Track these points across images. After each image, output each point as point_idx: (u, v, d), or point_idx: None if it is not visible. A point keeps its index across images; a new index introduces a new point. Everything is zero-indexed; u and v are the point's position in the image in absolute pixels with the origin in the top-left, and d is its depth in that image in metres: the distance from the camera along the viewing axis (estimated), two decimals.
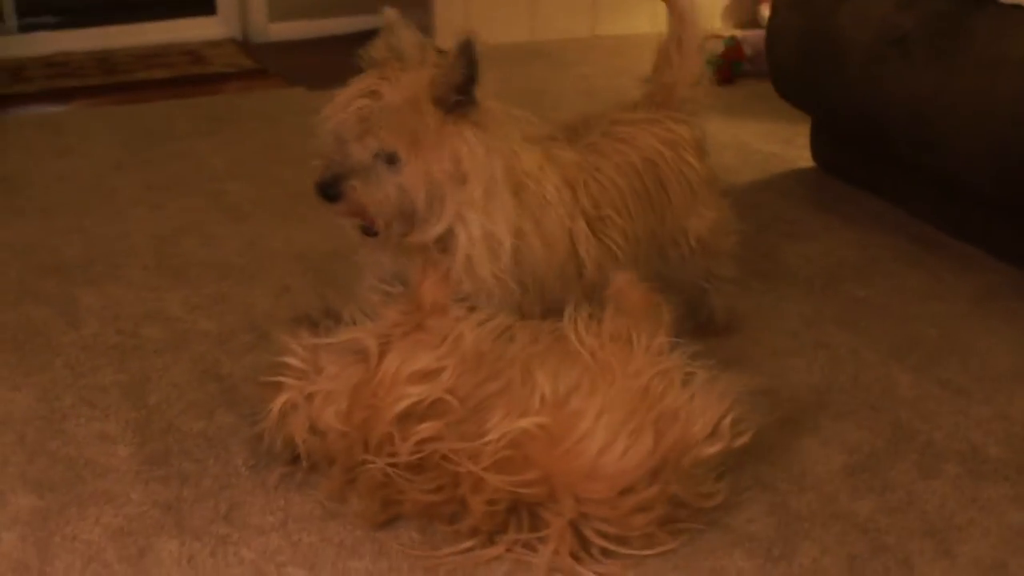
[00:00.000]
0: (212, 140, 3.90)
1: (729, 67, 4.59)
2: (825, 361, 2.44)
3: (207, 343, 2.50)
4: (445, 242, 2.02)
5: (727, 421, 1.86)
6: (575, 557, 1.79)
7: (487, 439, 1.81)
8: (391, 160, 1.94)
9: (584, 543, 1.81)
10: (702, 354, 1.98)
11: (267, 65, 4.99)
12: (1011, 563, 1.83)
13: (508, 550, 1.82)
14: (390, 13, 2.01)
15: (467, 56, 1.93)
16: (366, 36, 2.03)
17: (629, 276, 2.10)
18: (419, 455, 1.84)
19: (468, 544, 1.83)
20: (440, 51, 2.02)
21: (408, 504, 1.88)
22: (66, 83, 4.73)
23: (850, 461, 2.10)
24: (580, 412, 1.84)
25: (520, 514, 1.82)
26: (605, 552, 1.80)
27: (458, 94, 1.94)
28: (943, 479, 2.05)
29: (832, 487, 2.02)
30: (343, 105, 1.96)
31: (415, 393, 1.87)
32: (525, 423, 1.81)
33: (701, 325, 2.47)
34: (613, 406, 1.83)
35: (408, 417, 1.86)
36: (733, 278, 2.54)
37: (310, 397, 1.96)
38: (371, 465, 1.87)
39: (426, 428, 1.84)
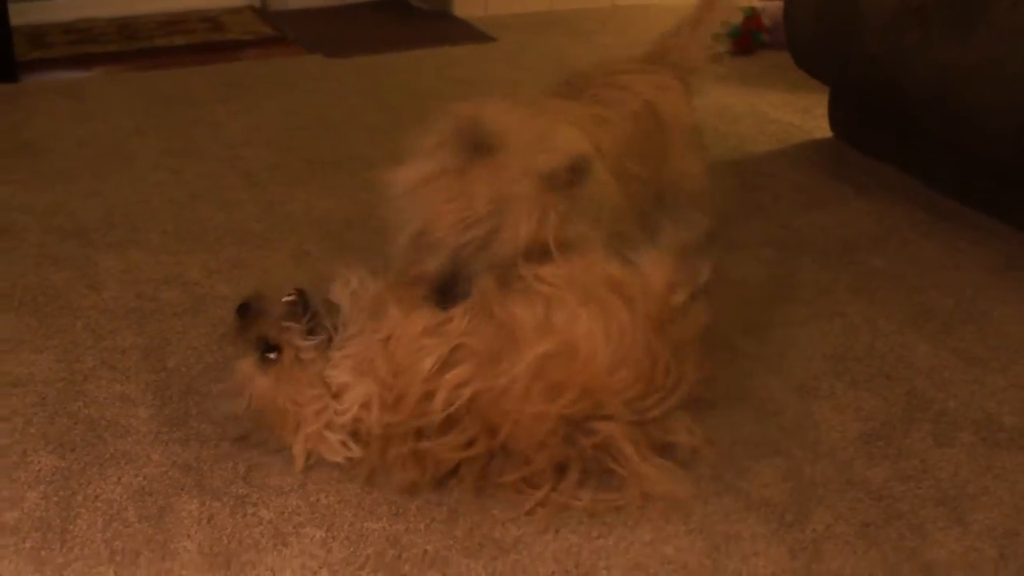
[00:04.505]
0: (230, 106, 3.91)
1: (748, 37, 4.57)
2: (840, 330, 2.45)
3: (225, 307, 2.51)
4: None
5: (679, 274, 1.90)
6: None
7: (513, 374, 1.83)
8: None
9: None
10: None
11: (286, 32, 4.99)
12: None
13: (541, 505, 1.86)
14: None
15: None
16: (383, 4, 2.03)
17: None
18: (454, 405, 1.85)
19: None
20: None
21: (444, 465, 1.90)
22: (87, 49, 4.74)
23: (865, 429, 2.11)
24: (570, 320, 1.87)
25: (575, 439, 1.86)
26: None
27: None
28: (958, 447, 2.06)
29: (847, 454, 2.03)
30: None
31: (434, 344, 1.88)
32: (541, 349, 1.84)
33: None
34: (587, 300, 1.88)
35: (439, 371, 1.87)
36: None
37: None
38: (402, 434, 1.89)
39: (455, 374, 1.86)
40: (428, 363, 1.87)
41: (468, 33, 4.94)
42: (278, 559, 1.77)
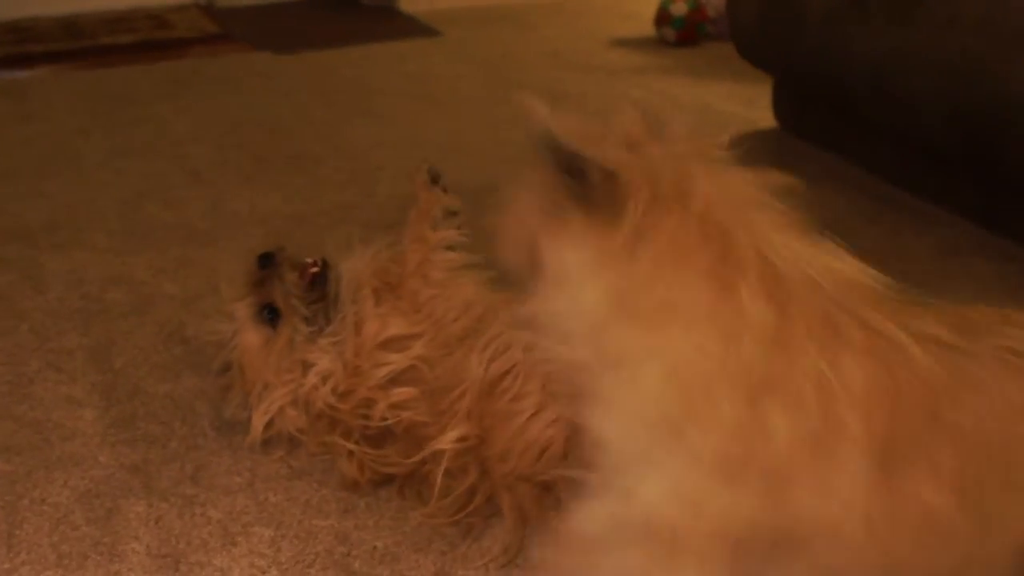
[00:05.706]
0: (176, 104, 3.89)
1: (692, 28, 4.60)
2: None
3: (172, 306, 2.51)
4: None
5: None
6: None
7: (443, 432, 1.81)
8: None
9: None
10: None
11: (232, 30, 4.97)
12: None
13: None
14: None
15: None
16: (330, 0, 2.02)
17: None
18: (388, 421, 1.85)
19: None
20: None
21: (379, 473, 1.90)
22: (30, 48, 4.71)
23: None
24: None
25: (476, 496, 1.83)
26: None
27: None
28: None
29: None
30: None
31: (393, 360, 1.88)
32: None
33: None
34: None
35: (392, 383, 1.87)
36: None
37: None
38: (344, 428, 1.89)
39: (401, 392, 1.86)
40: (382, 373, 1.88)
41: (414, 28, 4.94)
42: (227, 559, 1.76)
